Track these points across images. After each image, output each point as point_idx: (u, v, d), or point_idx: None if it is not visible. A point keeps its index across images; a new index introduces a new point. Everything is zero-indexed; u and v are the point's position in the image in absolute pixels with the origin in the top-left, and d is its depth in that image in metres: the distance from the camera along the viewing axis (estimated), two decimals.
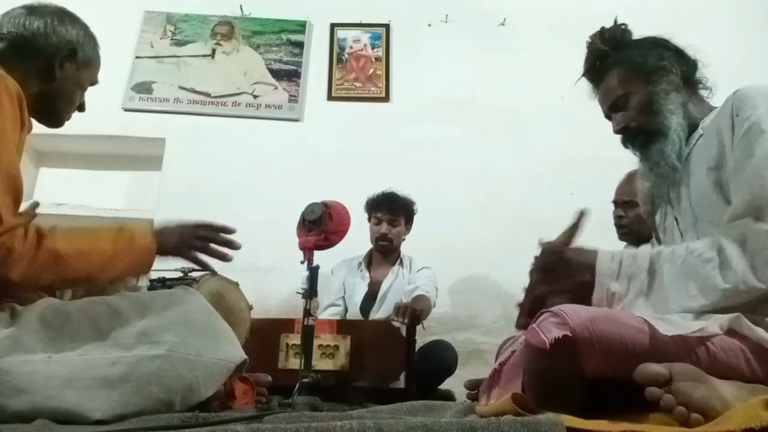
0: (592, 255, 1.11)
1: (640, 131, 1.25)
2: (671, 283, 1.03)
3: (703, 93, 1.29)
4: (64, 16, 1.27)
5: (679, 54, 1.29)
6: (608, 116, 1.32)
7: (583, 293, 1.09)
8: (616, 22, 1.36)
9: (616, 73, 1.28)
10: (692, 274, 1.01)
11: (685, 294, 1.01)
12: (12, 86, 1.04)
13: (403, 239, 2.74)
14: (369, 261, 2.73)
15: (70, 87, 1.26)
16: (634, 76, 1.26)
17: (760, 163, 1.00)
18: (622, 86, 1.27)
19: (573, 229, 1.21)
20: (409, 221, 2.71)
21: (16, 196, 1.01)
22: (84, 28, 1.30)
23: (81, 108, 1.33)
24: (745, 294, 0.97)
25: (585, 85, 1.39)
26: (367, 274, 2.67)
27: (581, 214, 1.22)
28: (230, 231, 1.28)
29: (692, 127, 1.22)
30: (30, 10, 1.24)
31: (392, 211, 2.64)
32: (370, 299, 2.59)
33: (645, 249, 1.10)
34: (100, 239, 1.10)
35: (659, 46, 1.30)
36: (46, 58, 1.20)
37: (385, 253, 2.69)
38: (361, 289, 2.63)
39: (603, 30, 1.34)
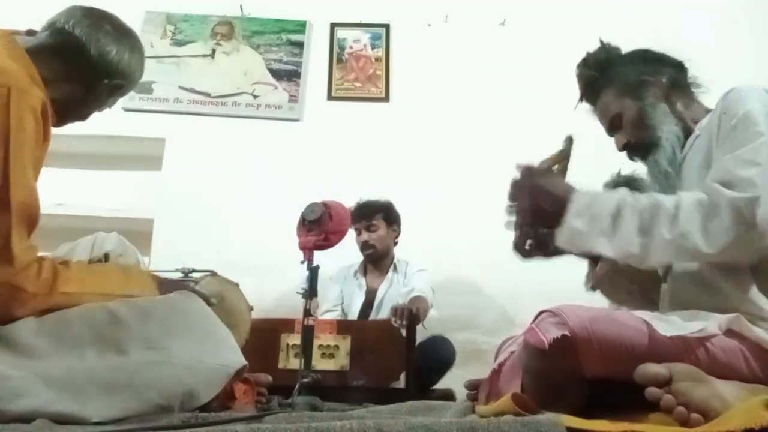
0: (566, 190, 1.10)
1: (638, 146, 1.27)
2: (630, 230, 1.01)
3: (697, 91, 1.30)
4: (136, 47, 1.26)
5: (660, 61, 1.30)
6: (611, 135, 1.34)
7: (549, 221, 1.11)
8: (601, 42, 1.37)
9: (607, 93, 1.31)
10: (646, 224, 1.00)
11: (637, 243, 1.00)
12: (36, 101, 1.01)
13: (396, 242, 2.70)
14: (365, 269, 2.71)
15: (90, 105, 1.24)
16: (622, 95, 1.28)
17: (744, 151, 1.00)
18: (614, 106, 1.29)
19: (559, 157, 1.23)
20: (390, 222, 2.65)
21: (31, 224, 1.00)
22: (142, 62, 1.29)
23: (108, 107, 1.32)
24: (686, 252, 0.97)
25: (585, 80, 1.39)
26: (363, 282, 2.65)
27: (569, 140, 1.25)
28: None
29: (688, 130, 1.23)
30: (111, 28, 1.22)
31: (366, 216, 2.60)
32: (367, 307, 2.58)
33: (621, 191, 1.08)
34: (110, 283, 1.11)
35: (639, 59, 1.31)
36: (94, 78, 1.20)
37: (374, 260, 2.66)
38: (358, 298, 2.61)
39: (587, 55, 1.37)
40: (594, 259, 1.36)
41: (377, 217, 2.61)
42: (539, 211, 1.13)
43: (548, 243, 1.26)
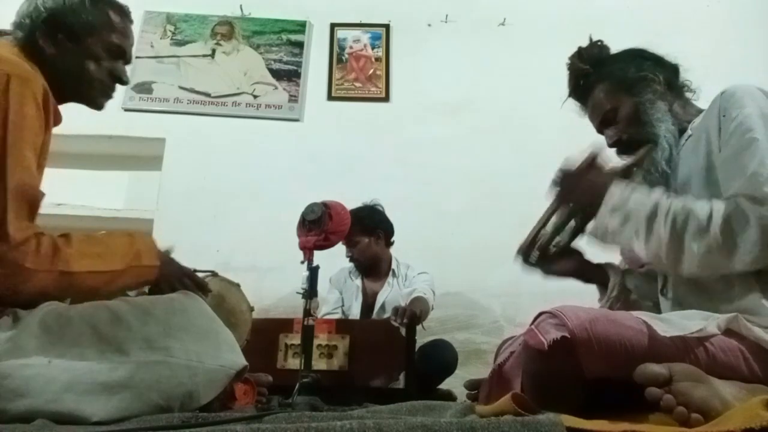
0: (605, 182, 1.15)
1: (632, 143, 1.26)
2: (662, 236, 1.04)
3: (689, 95, 1.30)
4: None
5: (658, 61, 1.30)
6: (600, 131, 1.34)
7: (587, 208, 1.18)
8: (591, 39, 1.37)
9: (601, 89, 1.30)
10: (678, 232, 1.02)
11: (668, 251, 1.03)
12: (38, 88, 1.03)
13: (390, 243, 2.65)
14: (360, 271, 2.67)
15: (76, 60, 1.18)
16: (618, 90, 1.27)
17: (751, 161, 1.00)
18: (608, 101, 1.28)
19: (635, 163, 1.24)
20: (370, 231, 2.56)
21: (31, 206, 1.00)
22: (111, 6, 1.24)
23: (120, 80, 1.26)
24: (714, 265, 1.00)
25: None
26: (360, 284, 2.62)
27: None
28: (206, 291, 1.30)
29: (681, 131, 1.23)
30: None
31: None
32: (367, 312, 2.56)
33: (655, 194, 1.10)
34: (112, 256, 1.10)
35: (637, 56, 1.31)
36: (36, 35, 1.15)
37: (365, 271, 2.62)
38: (357, 303, 2.59)
39: (580, 49, 1.36)
40: (603, 284, 1.36)
41: (353, 231, 2.42)
42: (582, 198, 1.18)
43: (553, 260, 1.30)
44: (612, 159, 1.26)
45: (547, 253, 1.30)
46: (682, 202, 1.05)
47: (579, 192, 1.19)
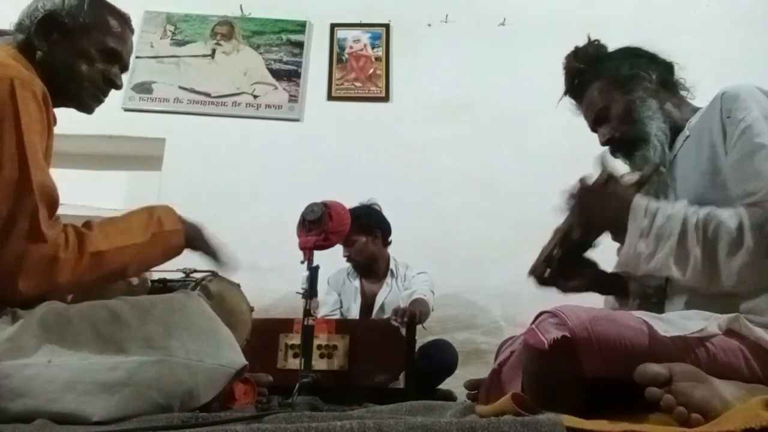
0: (627, 200, 1.10)
1: (624, 141, 1.26)
2: (696, 256, 1.01)
3: (684, 93, 1.30)
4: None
5: (652, 59, 1.30)
6: (594, 130, 1.34)
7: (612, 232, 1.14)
8: (589, 38, 1.37)
9: (595, 87, 1.30)
10: (710, 250, 1.00)
11: (704, 272, 1.00)
12: (38, 89, 1.04)
13: (388, 242, 2.64)
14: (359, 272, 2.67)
15: (67, 58, 1.18)
16: (611, 88, 1.27)
17: (764, 165, 1.00)
18: (601, 99, 1.29)
19: (642, 179, 1.19)
20: (368, 230, 2.55)
21: (52, 205, 1.03)
22: (109, 10, 1.24)
23: (114, 84, 1.25)
24: (752, 280, 0.98)
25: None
26: (358, 285, 2.62)
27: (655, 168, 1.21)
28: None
29: (676, 129, 1.23)
30: None
31: None
32: (366, 313, 2.55)
33: (679, 208, 1.06)
34: (135, 230, 1.13)
35: (631, 54, 1.31)
36: (32, 34, 1.16)
37: (363, 271, 2.62)
38: (356, 304, 2.58)
39: (577, 49, 1.36)
40: (621, 293, 1.34)
41: (350, 230, 2.49)
42: (604, 213, 1.13)
43: (567, 278, 1.27)
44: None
45: (562, 268, 1.26)
46: (709, 212, 1.02)
47: (600, 206, 1.14)
